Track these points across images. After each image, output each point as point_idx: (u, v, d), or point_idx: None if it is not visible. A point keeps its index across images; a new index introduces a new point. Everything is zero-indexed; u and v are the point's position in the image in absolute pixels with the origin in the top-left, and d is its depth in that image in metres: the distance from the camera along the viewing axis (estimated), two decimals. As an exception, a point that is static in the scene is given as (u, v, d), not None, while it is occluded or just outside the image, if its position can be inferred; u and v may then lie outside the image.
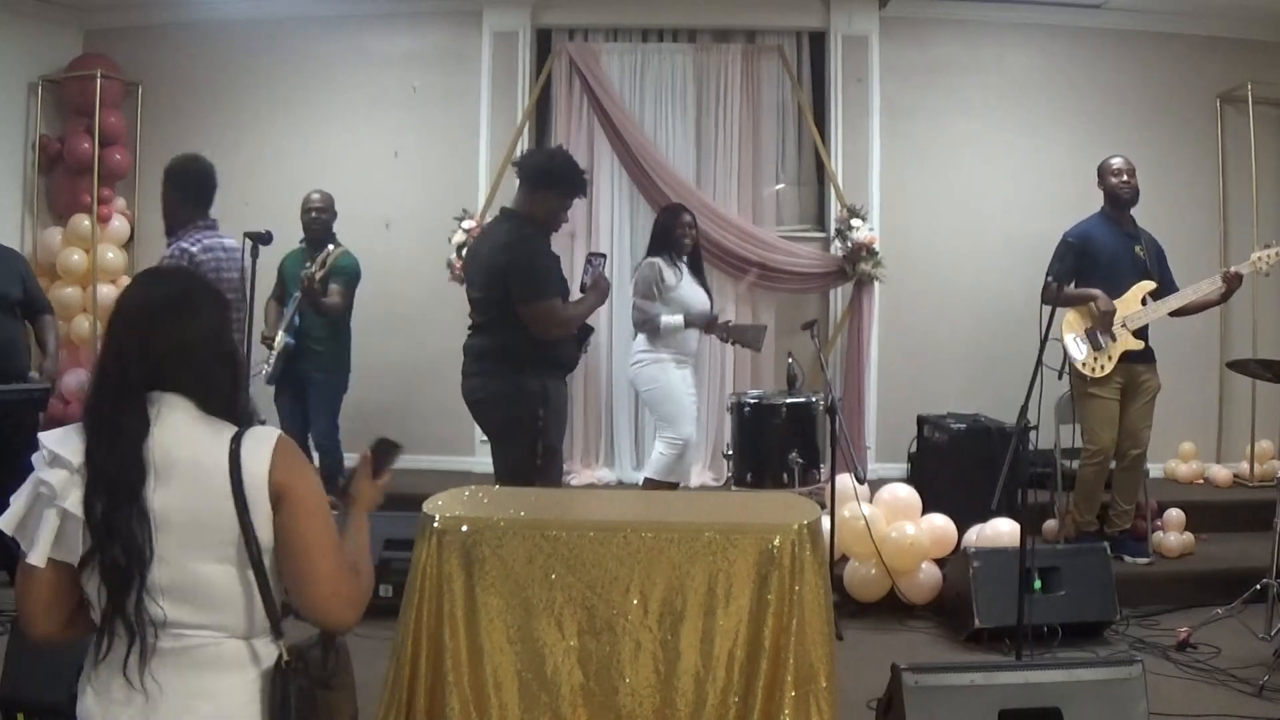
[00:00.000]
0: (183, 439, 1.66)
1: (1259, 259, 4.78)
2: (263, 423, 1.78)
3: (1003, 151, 6.47)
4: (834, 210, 6.36)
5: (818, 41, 6.53)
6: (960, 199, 6.46)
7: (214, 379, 1.72)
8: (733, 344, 5.47)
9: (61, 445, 1.66)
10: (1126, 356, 4.94)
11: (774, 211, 6.58)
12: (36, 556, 1.63)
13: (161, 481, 1.64)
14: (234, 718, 1.67)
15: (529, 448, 3.82)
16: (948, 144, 6.48)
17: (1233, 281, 4.84)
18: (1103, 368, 4.94)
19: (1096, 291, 4.93)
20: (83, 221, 6.29)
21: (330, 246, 5.33)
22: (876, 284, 6.25)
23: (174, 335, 1.70)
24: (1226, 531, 5.49)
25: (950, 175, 6.48)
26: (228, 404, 1.73)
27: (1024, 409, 3.72)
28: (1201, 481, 6.27)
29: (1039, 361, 3.92)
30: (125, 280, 6.54)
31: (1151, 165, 6.41)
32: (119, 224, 6.51)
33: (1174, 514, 5.27)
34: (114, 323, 1.75)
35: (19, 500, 1.68)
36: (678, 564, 2.91)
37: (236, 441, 1.67)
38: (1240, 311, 6.36)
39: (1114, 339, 4.92)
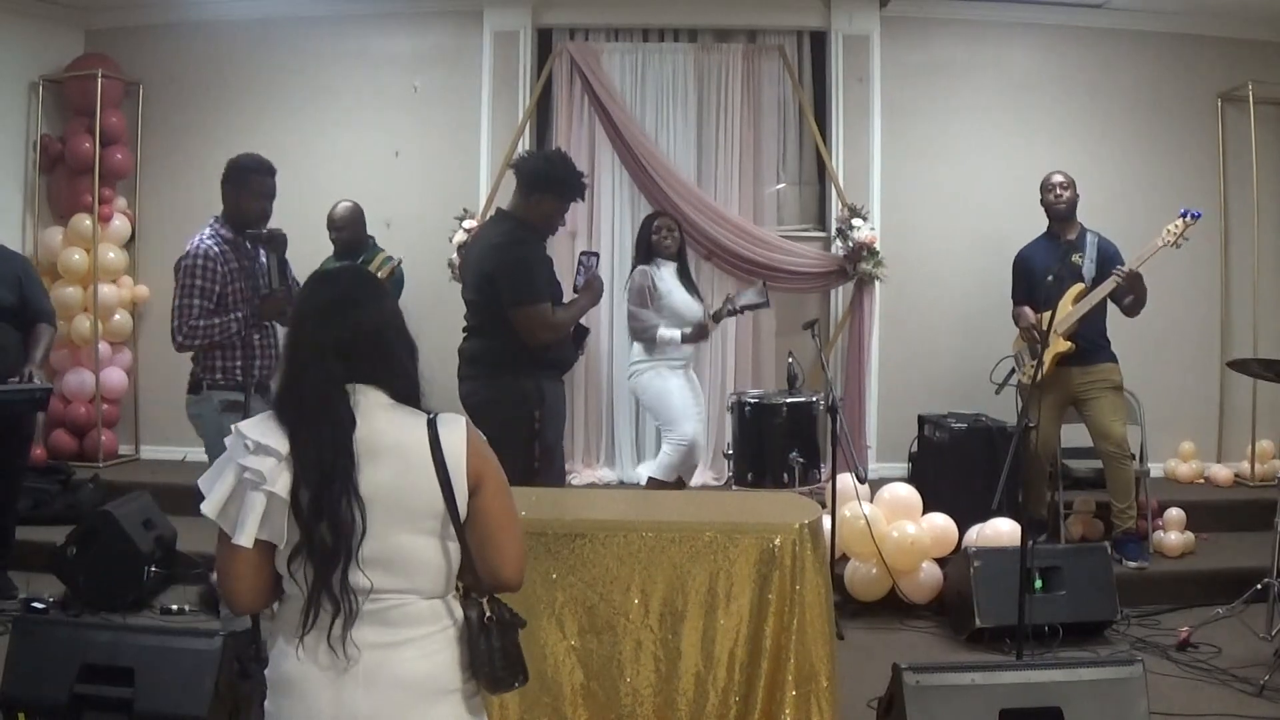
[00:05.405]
0: (384, 425, 1.81)
1: (1168, 231, 4.80)
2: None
3: (1003, 151, 6.46)
4: (835, 210, 6.35)
5: (818, 41, 6.51)
6: (961, 198, 6.45)
7: (402, 364, 1.86)
8: (742, 313, 5.44)
9: (264, 435, 1.77)
10: (1063, 360, 4.99)
11: (774, 211, 6.57)
12: (245, 538, 1.73)
13: (368, 465, 1.77)
14: (432, 662, 1.81)
15: (526, 449, 3.81)
16: (948, 144, 6.47)
17: (1130, 279, 4.87)
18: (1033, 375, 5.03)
19: (1023, 309, 5.19)
20: (84, 221, 6.28)
21: (389, 257, 5.33)
22: (877, 283, 6.23)
23: (363, 323, 1.83)
24: (1227, 531, 5.50)
25: (951, 175, 6.47)
26: (414, 389, 1.87)
27: (1024, 409, 3.73)
28: (1202, 481, 6.25)
29: (1039, 361, 3.93)
30: (126, 280, 6.55)
31: (1151, 165, 6.44)
32: (120, 224, 6.49)
33: (1174, 513, 5.27)
34: (301, 322, 1.88)
35: (220, 487, 1.77)
36: (678, 563, 2.91)
37: (433, 427, 1.83)
38: (1240, 311, 6.36)
39: (1047, 344, 4.96)
